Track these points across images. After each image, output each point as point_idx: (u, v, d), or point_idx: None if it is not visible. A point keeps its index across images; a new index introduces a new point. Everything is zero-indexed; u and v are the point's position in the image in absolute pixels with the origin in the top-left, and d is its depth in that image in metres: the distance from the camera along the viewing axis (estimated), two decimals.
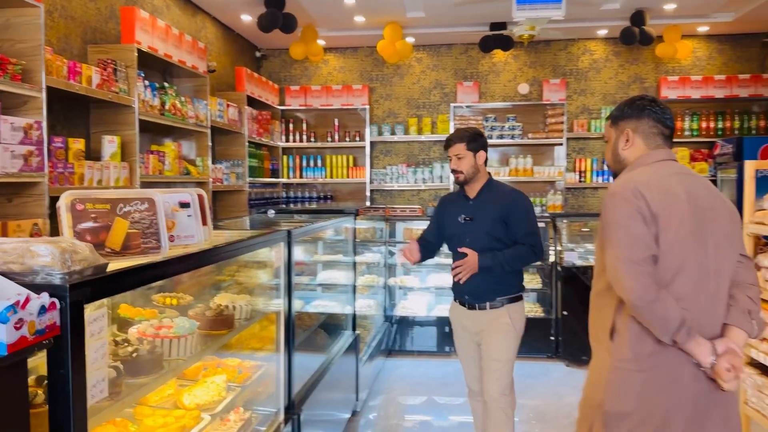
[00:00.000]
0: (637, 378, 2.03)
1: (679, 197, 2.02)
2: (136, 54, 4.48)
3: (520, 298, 3.45)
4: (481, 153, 3.41)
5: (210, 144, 5.73)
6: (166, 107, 4.94)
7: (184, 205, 2.10)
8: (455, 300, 3.61)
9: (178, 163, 5.22)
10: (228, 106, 6.28)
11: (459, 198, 3.57)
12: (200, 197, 2.26)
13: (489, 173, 3.52)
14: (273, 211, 4.57)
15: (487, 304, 3.37)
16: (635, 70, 7.91)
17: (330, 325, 4.33)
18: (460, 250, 3.37)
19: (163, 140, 5.48)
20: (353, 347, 4.51)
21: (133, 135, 4.46)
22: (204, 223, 2.26)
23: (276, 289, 3.01)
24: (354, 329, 4.63)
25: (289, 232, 2.96)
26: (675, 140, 7.24)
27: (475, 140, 3.39)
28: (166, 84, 5.05)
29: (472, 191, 3.47)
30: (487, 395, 3.38)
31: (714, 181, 7.55)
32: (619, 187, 2.07)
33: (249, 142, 6.84)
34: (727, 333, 2.01)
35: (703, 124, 7.60)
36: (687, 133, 7.63)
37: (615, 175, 2.33)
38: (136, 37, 4.55)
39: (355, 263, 4.71)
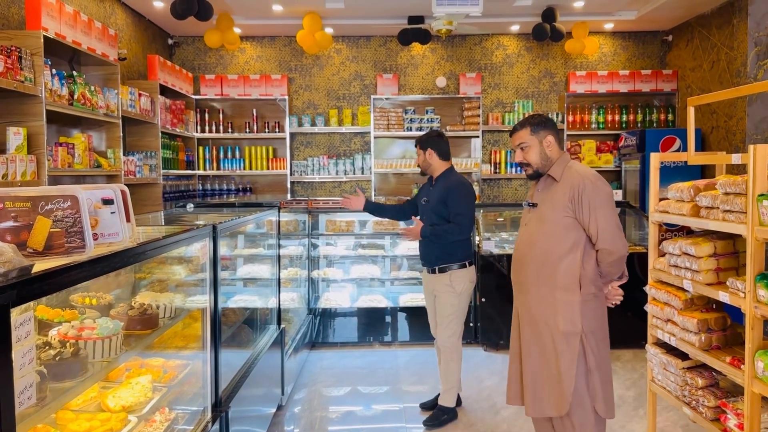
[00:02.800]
0: (596, 303, 3.00)
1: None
2: (43, 41, 4.23)
3: (464, 266, 4.21)
4: (433, 153, 4.32)
5: (121, 135, 5.50)
6: (75, 97, 4.70)
7: (107, 201, 2.02)
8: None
9: (88, 155, 4.98)
10: (140, 95, 6.04)
11: (427, 183, 4.45)
12: (123, 193, 2.18)
13: (452, 165, 4.35)
14: (192, 205, 4.45)
15: (436, 268, 4.23)
16: (546, 65, 8.23)
17: (255, 320, 4.28)
18: (413, 219, 4.47)
19: (71, 131, 5.21)
20: (278, 342, 4.48)
21: (41, 126, 4.22)
22: (128, 219, 2.18)
23: (201, 286, 2.95)
24: (279, 323, 4.60)
25: (214, 227, 2.90)
26: (583, 132, 7.56)
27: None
28: (74, 72, 4.80)
29: (434, 179, 4.36)
30: (438, 341, 4.37)
31: (618, 172, 8.00)
32: (593, 175, 2.95)
33: (162, 132, 6.62)
34: None
35: (609, 117, 8.02)
36: (593, 125, 8.03)
37: (537, 174, 3.10)
38: (42, 23, 4.30)
39: (279, 257, 4.67)
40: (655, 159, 3.89)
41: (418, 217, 4.41)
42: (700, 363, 3.34)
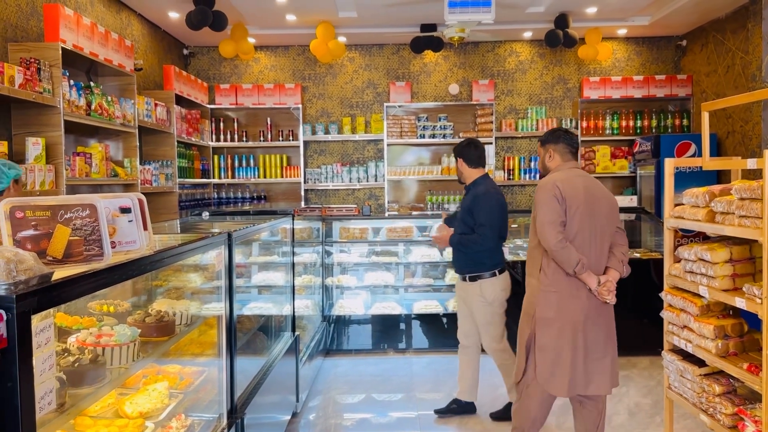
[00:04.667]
0: (554, 296, 3.36)
1: (578, 189, 3.35)
2: (61, 52, 4.31)
3: (494, 274, 4.27)
4: (462, 162, 4.44)
5: (138, 144, 5.57)
6: (92, 107, 4.77)
7: (125, 210, 2.06)
8: None
9: (105, 164, 5.05)
10: (156, 105, 6.12)
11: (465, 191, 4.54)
12: (140, 202, 2.22)
13: (486, 173, 4.42)
14: (207, 213, 4.49)
15: (466, 276, 4.34)
16: (559, 71, 8.22)
17: (269, 328, 4.30)
18: (439, 225, 4.69)
19: (89, 141, 5.29)
20: (293, 349, 4.50)
21: (59, 136, 4.29)
22: (145, 227, 2.22)
23: (216, 293, 2.98)
24: (294, 331, 4.62)
25: (229, 235, 2.93)
26: (597, 138, 7.54)
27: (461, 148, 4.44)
28: (91, 83, 4.88)
29: (466, 188, 4.46)
30: (485, 347, 4.47)
31: (633, 178, 7.96)
32: (544, 182, 3.44)
33: (178, 141, 6.69)
34: (608, 272, 3.40)
35: (623, 123, 7.99)
36: (608, 131, 8.00)
37: (542, 176, 3.67)
38: (61, 35, 4.37)
39: (293, 264, 4.70)
40: (670, 164, 3.87)
41: (443, 223, 4.70)
42: (717, 370, 3.31)
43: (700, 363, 3.39)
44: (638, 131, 7.97)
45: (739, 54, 6.83)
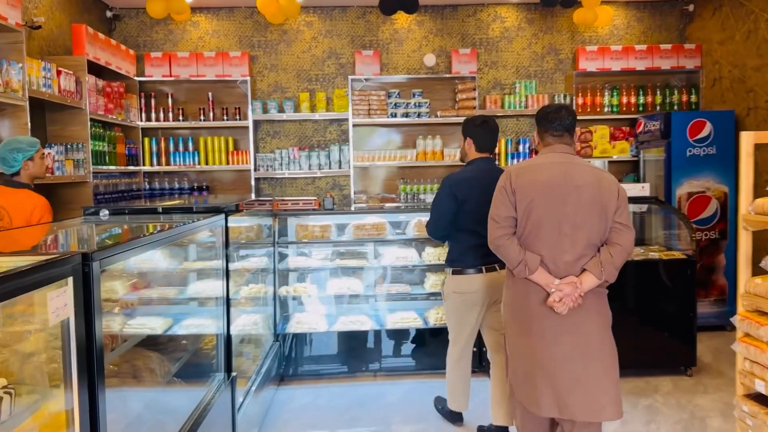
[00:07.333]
0: (510, 292, 2.99)
1: (540, 179, 2.82)
2: None
3: (452, 272, 3.77)
4: (471, 144, 3.79)
5: (28, 122, 4.27)
6: None
7: None
8: None
9: None
10: (59, 72, 4.81)
11: None
12: None
13: (484, 157, 3.77)
14: (107, 212, 3.26)
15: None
16: (550, 39, 7.13)
17: (189, 372, 3.10)
18: None
19: None
20: (228, 392, 3.31)
21: None
22: None
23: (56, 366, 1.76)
24: (228, 367, 3.42)
25: (86, 259, 1.71)
26: (594, 117, 6.47)
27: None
28: None
29: None
30: None
31: (636, 162, 6.94)
32: (503, 172, 3.02)
33: (94, 120, 5.40)
34: (581, 274, 2.79)
35: (624, 99, 6.94)
36: (606, 109, 6.95)
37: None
38: None
39: (227, 275, 3.48)
40: (748, 140, 2.80)
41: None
42: None
43: None
44: (641, 109, 6.95)
45: (764, 16, 5.82)
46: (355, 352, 5.04)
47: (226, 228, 3.44)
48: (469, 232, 3.63)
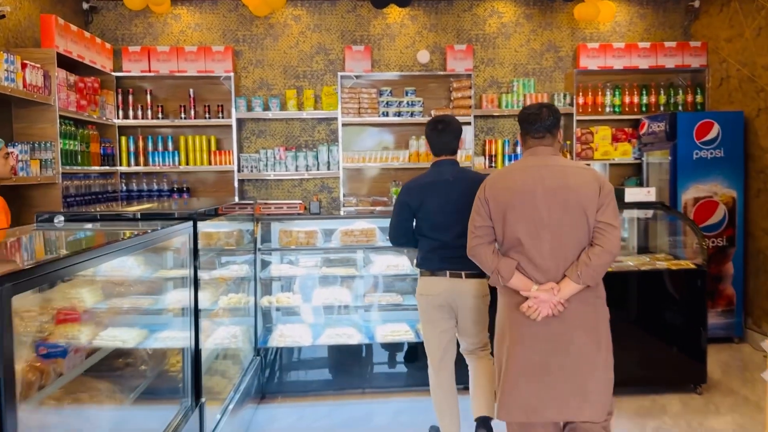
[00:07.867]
0: (502, 300, 2.93)
1: (513, 185, 2.79)
2: None
3: (420, 274, 3.67)
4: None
5: None
6: None
7: None
8: None
9: None
10: (24, 66, 4.45)
11: None
12: None
13: (446, 159, 3.65)
14: (62, 218, 2.91)
15: None
16: (549, 36, 6.81)
17: (150, 398, 2.76)
18: None
19: None
20: (196, 420, 2.97)
21: None
22: None
23: None
24: (197, 392, 3.07)
25: None
26: (596, 117, 6.16)
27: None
28: None
29: None
30: None
31: (639, 165, 6.63)
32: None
33: (64, 117, 5.04)
34: (561, 280, 2.74)
35: (626, 99, 6.63)
36: (608, 109, 6.63)
37: None
38: None
39: (196, 290, 3.14)
40: None
41: None
42: None
43: None
44: (644, 109, 6.64)
45: None
46: (343, 368, 4.70)
47: (195, 235, 3.09)
48: (427, 237, 3.60)
